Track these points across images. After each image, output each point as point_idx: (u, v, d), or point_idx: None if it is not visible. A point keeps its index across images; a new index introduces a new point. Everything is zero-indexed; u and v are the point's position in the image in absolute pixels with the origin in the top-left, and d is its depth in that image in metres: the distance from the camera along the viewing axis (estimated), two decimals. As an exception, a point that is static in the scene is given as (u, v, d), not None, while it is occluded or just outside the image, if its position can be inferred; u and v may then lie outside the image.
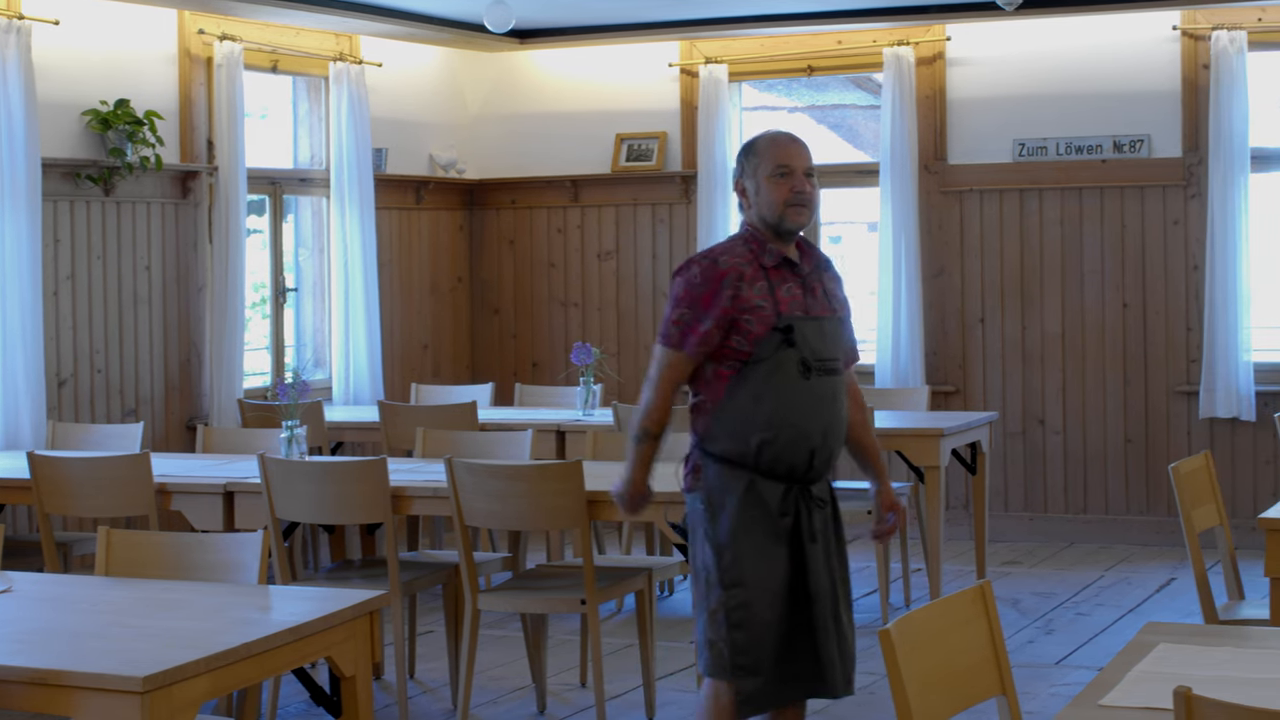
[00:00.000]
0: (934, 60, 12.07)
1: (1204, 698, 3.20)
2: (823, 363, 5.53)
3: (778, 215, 5.54)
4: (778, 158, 5.57)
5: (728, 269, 5.48)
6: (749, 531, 5.46)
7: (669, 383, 5.55)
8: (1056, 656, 8.66)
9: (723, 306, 5.45)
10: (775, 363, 5.46)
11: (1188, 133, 11.57)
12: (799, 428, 5.45)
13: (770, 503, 5.47)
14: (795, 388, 5.47)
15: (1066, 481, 11.91)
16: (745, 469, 5.49)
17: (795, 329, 5.48)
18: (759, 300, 5.47)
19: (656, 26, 12.37)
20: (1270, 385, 11.43)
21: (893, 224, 11.92)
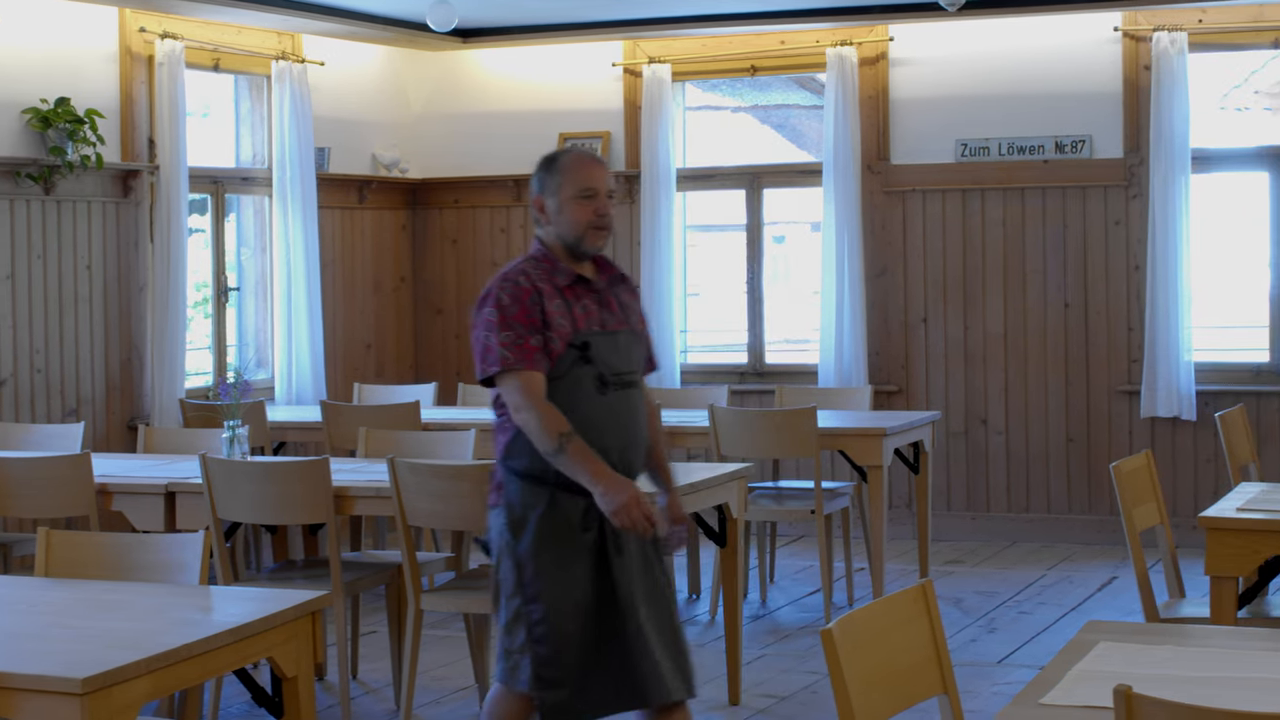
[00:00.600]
0: (877, 60, 12.10)
1: (1144, 696, 3.21)
2: (619, 376, 5.57)
3: (578, 236, 5.56)
4: (582, 180, 5.58)
5: (530, 287, 5.49)
6: (550, 546, 5.48)
7: (536, 396, 5.43)
8: (999, 655, 8.69)
9: (536, 322, 5.46)
10: (573, 379, 5.49)
11: (1129, 133, 11.62)
12: (596, 443, 5.44)
13: (572, 517, 5.48)
14: (593, 403, 5.50)
15: (1009, 481, 11.96)
16: (546, 484, 5.49)
17: (591, 345, 5.52)
18: (559, 318, 5.50)
19: (600, 26, 12.36)
20: (1211, 385, 11.49)
21: (835, 224, 11.94)
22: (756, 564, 10.23)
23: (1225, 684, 3.85)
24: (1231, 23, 11.44)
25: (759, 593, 10.12)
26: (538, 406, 5.40)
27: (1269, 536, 6.09)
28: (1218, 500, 6.59)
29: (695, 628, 9.36)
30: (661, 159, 12.36)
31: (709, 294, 13.58)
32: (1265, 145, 11.75)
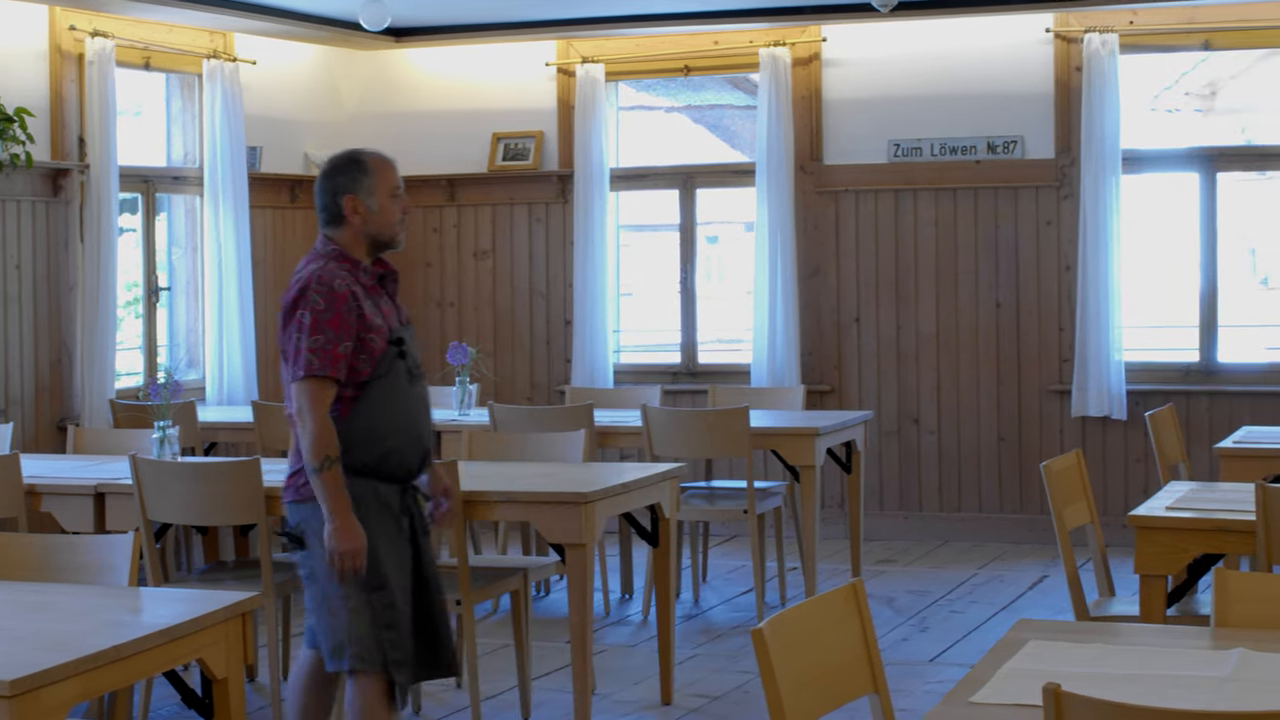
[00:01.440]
0: (810, 61, 12.12)
1: (1073, 694, 3.23)
2: (419, 369, 5.88)
3: (391, 233, 5.82)
4: (393, 179, 5.86)
5: (345, 291, 5.65)
6: (382, 534, 5.72)
7: (323, 410, 5.61)
8: (930, 654, 8.72)
9: (351, 327, 5.62)
10: (392, 375, 5.73)
11: (1060, 134, 11.67)
12: (413, 432, 5.78)
13: (393, 505, 5.78)
14: (407, 395, 5.78)
15: (941, 480, 12.00)
16: (369, 477, 5.72)
17: (404, 341, 5.78)
18: (375, 318, 5.70)
19: (533, 26, 12.35)
20: (1141, 384, 11.56)
21: (769, 224, 11.96)
22: (689, 564, 10.24)
23: (1153, 682, 3.87)
24: (1162, 24, 11.50)
25: (692, 592, 10.12)
26: (320, 419, 5.60)
27: (1198, 535, 6.13)
28: (1147, 499, 6.63)
29: (628, 628, 9.36)
30: (595, 159, 12.35)
31: (642, 294, 13.58)
32: (1195, 146, 11.83)
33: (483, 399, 10.95)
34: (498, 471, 7.56)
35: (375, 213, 5.76)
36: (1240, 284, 13.57)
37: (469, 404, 10.30)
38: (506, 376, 12.76)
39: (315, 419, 5.58)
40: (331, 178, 5.80)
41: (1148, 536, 6.11)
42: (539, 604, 9.89)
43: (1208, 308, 11.62)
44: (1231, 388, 11.49)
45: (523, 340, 12.81)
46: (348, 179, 5.78)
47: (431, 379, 12.24)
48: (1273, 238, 13.06)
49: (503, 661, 8.35)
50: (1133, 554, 6.12)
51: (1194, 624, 6.17)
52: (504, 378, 12.73)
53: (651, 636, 8.76)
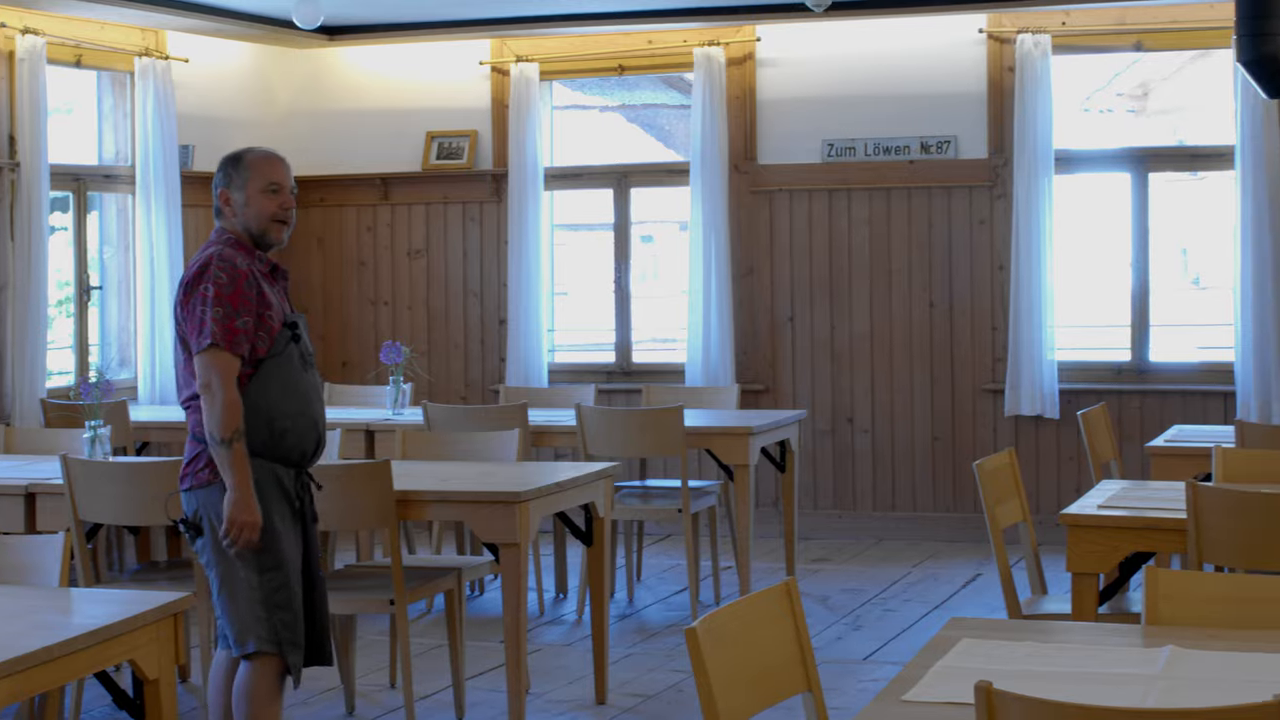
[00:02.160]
0: (744, 61, 12.13)
1: (1004, 692, 3.24)
2: (311, 357, 5.96)
3: (263, 229, 5.87)
4: (269, 174, 5.88)
5: (246, 269, 5.75)
6: (277, 516, 5.79)
7: (231, 381, 5.66)
8: (864, 652, 8.74)
9: (252, 303, 5.72)
10: (287, 357, 5.81)
11: (993, 134, 11.72)
12: (308, 415, 5.86)
13: (288, 487, 5.85)
14: (301, 379, 5.86)
15: (875, 479, 12.03)
16: (264, 457, 5.77)
17: (299, 325, 5.88)
18: (273, 298, 5.81)
19: (467, 24, 12.32)
20: (1074, 383, 11.62)
21: (703, 223, 11.97)
22: (624, 563, 10.24)
23: (1084, 679, 3.89)
24: (1094, 25, 11.56)
25: (626, 592, 10.12)
26: (228, 392, 5.66)
27: (1129, 533, 6.16)
28: (1080, 498, 6.66)
29: (562, 627, 9.36)
30: (529, 158, 12.34)
31: (577, 293, 13.58)
32: (1127, 147, 11.90)
33: (417, 398, 10.92)
34: (432, 471, 7.55)
35: (244, 206, 5.84)
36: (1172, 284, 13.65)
37: (403, 403, 10.27)
38: (441, 376, 12.73)
39: (226, 390, 5.64)
40: (216, 172, 5.92)
41: (1079, 535, 6.14)
42: (473, 604, 9.87)
43: (1139, 307, 11.68)
44: (1163, 387, 11.56)
45: (457, 339, 12.79)
46: (223, 174, 5.90)
47: (365, 378, 12.24)
48: (1204, 238, 13.14)
49: (437, 661, 8.33)
50: (1065, 552, 6.15)
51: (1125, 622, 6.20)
52: (438, 377, 12.71)
53: (586, 636, 8.76)
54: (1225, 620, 4.43)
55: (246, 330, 5.68)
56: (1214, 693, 3.73)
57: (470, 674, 8.07)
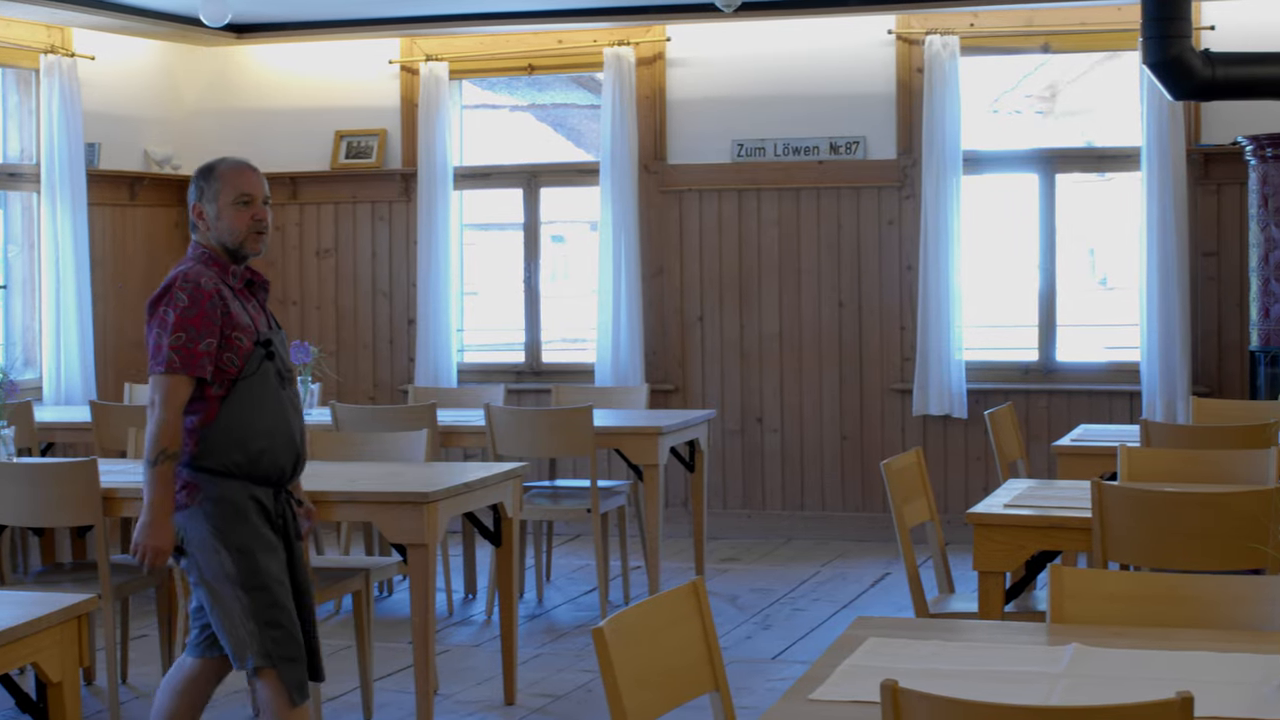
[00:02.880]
0: (654, 60, 12.14)
1: (910, 690, 3.25)
2: (289, 372, 5.91)
3: (238, 241, 5.81)
4: (240, 186, 5.81)
5: (212, 290, 5.71)
6: (257, 537, 5.76)
7: (175, 406, 5.64)
8: (773, 652, 8.76)
9: (215, 325, 5.67)
10: (261, 376, 5.76)
11: (902, 135, 11.77)
12: (285, 433, 5.81)
13: (267, 506, 5.81)
14: (277, 397, 5.81)
15: (784, 478, 12.06)
16: (241, 479, 5.75)
17: (273, 342, 5.81)
18: (242, 317, 5.76)
19: (376, 23, 12.28)
20: (981, 383, 11.68)
21: (613, 223, 11.97)
22: (533, 563, 10.23)
23: (989, 678, 3.91)
24: (1002, 27, 11.62)
25: (535, 592, 10.11)
26: (170, 414, 5.63)
27: (1035, 532, 6.20)
28: (987, 497, 6.70)
29: (471, 628, 9.33)
30: (439, 157, 12.31)
31: (487, 293, 13.55)
32: (1035, 148, 11.97)
33: (325, 398, 10.88)
34: (339, 471, 7.51)
35: (215, 219, 5.78)
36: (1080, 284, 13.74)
37: (311, 404, 10.24)
38: (349, 376, 12.68)
39: (164, 411, 5.61)
40: (190, 186, 5.87)
41: (986, 534, 6.18)
42: (381, 604, 9.83)
43: (1046, 308, 11.75)
44: (1069, 386, 11.64)
45: (365, 339, 12.74)
46: (195, 188, 5.83)
47: (273, 378, 12.15)
48: (1111, 239, 13.23)
49: (345, 662, 8.29)
50: (972, 551, 6.18)
51: (1031, 620, 6.25)
52: (346, 377, 12.66)
53: (495, 636, 8.75)
54: (1129, 618, 4.46)
55: (210, 353, 5.64)
56: (1117, 690, 3.75)
57: (378, 675, 8.04)
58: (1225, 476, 6.89)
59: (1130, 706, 3.23)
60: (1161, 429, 8.18)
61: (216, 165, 5.85)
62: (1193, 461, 7.07)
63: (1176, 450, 7.42)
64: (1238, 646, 4.15)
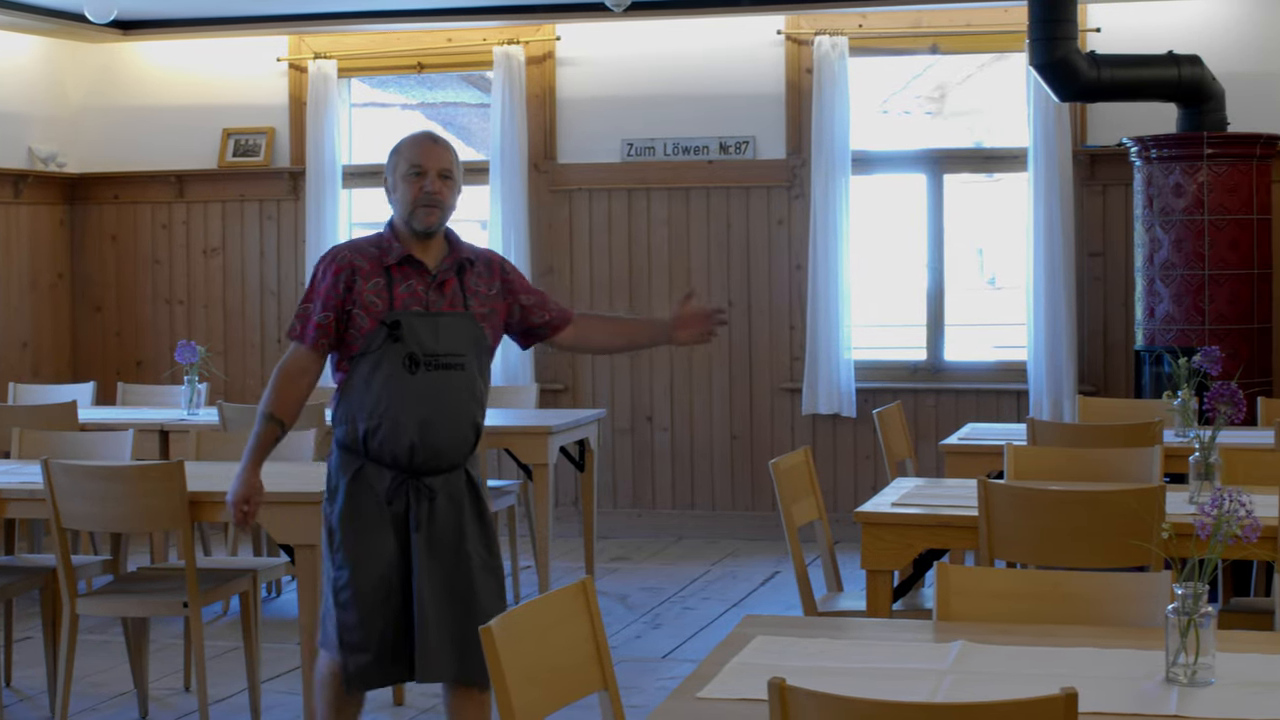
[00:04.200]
0: (544, 60, 12.13)
1: (797, 688, 3.26)
2: (435, 358, 5.66)
3: (408, 214, 5.70)
4: (413, 158, 5.72)
5: (344, 264, 5.69)
6: (356, 515, 5.66)
7: (288, 370, 5.74)
8: (663, 650, 8.76)
9: (337, 299, 5.65)
10: (381, 355, 5.63)
11: (791, 135, 11.81)
12: (397, 420, 5.62)
13: (378, 489, 5.66)
14: (398, 381, 5.63)
15: (674, 477, 12.07)
16: (357, 454, 5.68)
17: (403, 324, 5.62)
18: (372, 296, 5.65)
19: (264, 20, 12.20)
20: (870, 382, 11.74)
21: (503, 222, 11.95)
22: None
23: (876, 675, 3.92)
24: (891, 28, 11.68)
25: (425, 592, 10.05)
26: (281, 379, 5.74)
27: (922, 530, 6.23)
28: (874, 495, 6.73)
29: (361, 628, 9.27)
30: (327, 156, 12.25)
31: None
32: (923, 148, 12.04)
33: (212, 398, 10.80)
34: (226, 472, 7.40)
35: (393, 192, 5.77)
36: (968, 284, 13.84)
37: (198, 403, 10.16)
38: (237, 375, 12.60)
39: (278, 376, 5.76)
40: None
41: (873, 532, 6.20)
42: (270, 605, 9.77)
43: (935, 307, 11.83)
44: (958, 385, 11.71)
45: (253, 339, 12.66)
46: (388, 162, 5.84)
47: (160, 378, 12.08)
48: (1000, 239, 13.33)
49: (233, 664, 8.24)
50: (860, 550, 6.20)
51: (918, 618, 6.28)
52: (234, 377, 12.57)
53: (384, 637, 8.69)
54: (1014, 615, 4.49)
55: (325, 325, 5.66)
56: (1003, 687, 3.78)
57: (266, 676, 7.99)
58: (1110, 474, 6.95)
59: (1015, 703, 3.25)
60: (1048, 428, 8.25)
61: (403, 139, 5.81)
62: (1078, 460, 7.13)
63: (1062, 449, 7.48)
64: (1121, 643, 4.18)
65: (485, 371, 5.82)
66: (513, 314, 5.91)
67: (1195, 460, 6.36)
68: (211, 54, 12.74)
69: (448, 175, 5.72)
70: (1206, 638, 3.84)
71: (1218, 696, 3.75)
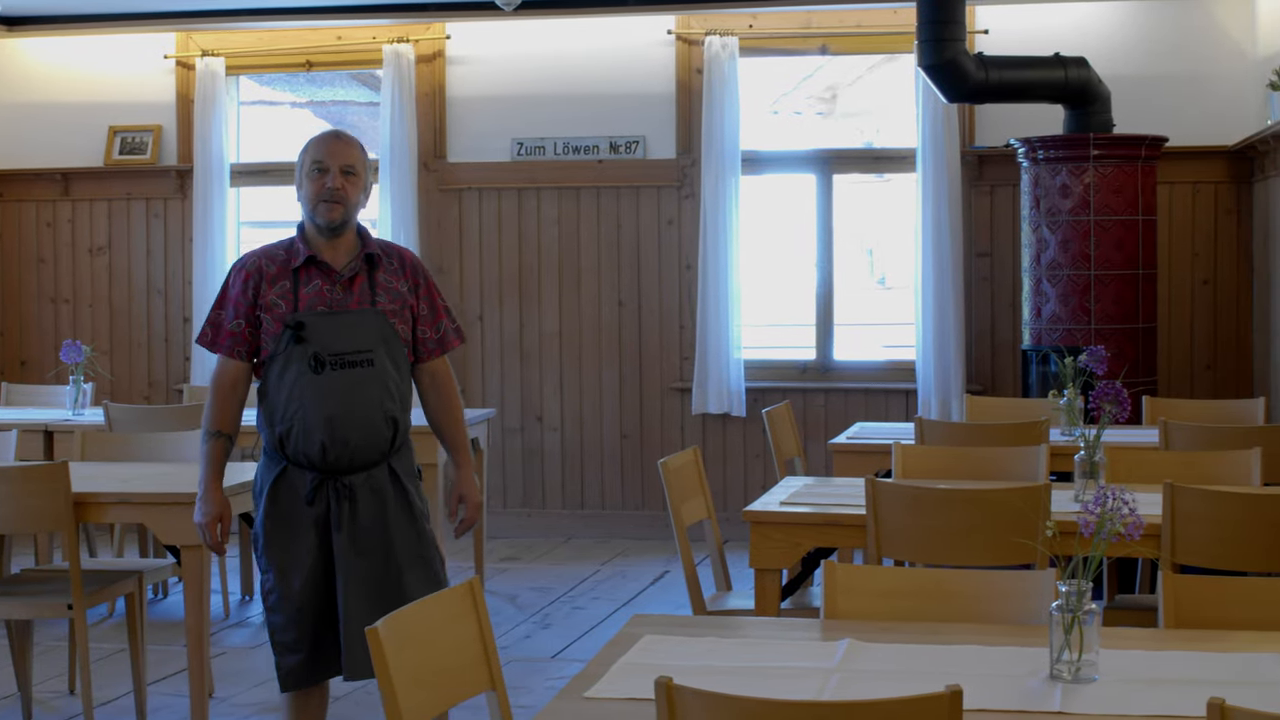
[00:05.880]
0: (434, 58, 12.09)
1: (684, 687, 3.26)
2: (340, 356, 5.63)
3: (311, 210, 5.71)
4: (316, 154, 5.74)
5: (253, 270, 5.69)
6: (277, 518, 5.66)
7: (220, 383, 5.72)
8: (553, 650, 8.75)
9: (247, 306, 5.65)
10: (287, 357, 5.62)
11: (682, 135, 11.82)
12: (307, 420, 5.60)
13: (299, 490, 5.65)
14: (304, 382, 5.61)
15: (564, 477, 12.06)
16: (277, 458, 5.68)
17: (307, 325, 5.61)
18: (276, 298, 5.65)
19: (151, 17, 12.10)
20: (760, 382, 11.77)
21: (392, 221, 11.90)
22: (312, 564, 10.12)
23: (763, 674, 3.93)
24: (781, 29, 11.72)
25: (314, 593, 10.00)
26: (216, 392, 5.71)
27: (811, 529, 6.25)
28: (763, 494, 6.74)
29: (249, 629, 9.23)
30: (215, 154, 12.16)
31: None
32: (813, 149, 12.08)
33: (98, 398, 10.70)
34: (111, 472, 7.39)
35: (299, 189, 5.76)
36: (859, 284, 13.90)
37: (83, 403, 10.07)
38: (123, 375, 12.49)
39: (212, 389, 5.73)
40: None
41: (762, 531, 6.22)
42: (156, 607, 9.69)
43: (824, 307, 11.87)
44: (847, 385, 11.76)
45: (140, 338, 12.55)
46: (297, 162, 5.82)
47: (45, 378, 11.96)
48: (890, 239, 13.40)
49: (118, 666, 8.17)
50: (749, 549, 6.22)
51: (806, 616, 6.31)
52: (120, 376, 12.46)
53: (272, 638, 8.64)
54: (901, 613, 4.51)
55: (238, 333, 5.67)
56: (889, 685, 3.79)
57: (152, 679, 7.93)
58: (997, 473, 7.01)
59: (901, 700, 3.27)
60: (935, 426, 8.30)
61: (310, 138, 5.80)
62: (965, 459, 7.17)
63: (950, 447, 7.53)
64: (1006, 640, 4.21)
65: (402, 367, 5.78)
66: (416, 315, 5.87)
67: (1080, 459, 6.43)
68: (98, 51, 12.63)
69: (350, 171, 5.72)
70: (1090, 635, 3.87)
71: (1101, 693, 3.78)
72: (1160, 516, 5.89)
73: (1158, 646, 4.18)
